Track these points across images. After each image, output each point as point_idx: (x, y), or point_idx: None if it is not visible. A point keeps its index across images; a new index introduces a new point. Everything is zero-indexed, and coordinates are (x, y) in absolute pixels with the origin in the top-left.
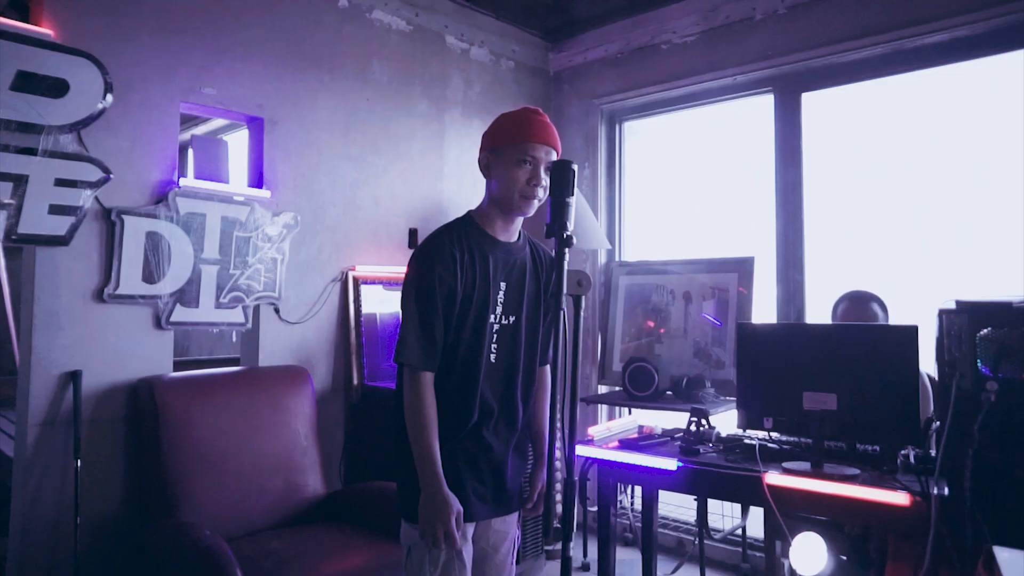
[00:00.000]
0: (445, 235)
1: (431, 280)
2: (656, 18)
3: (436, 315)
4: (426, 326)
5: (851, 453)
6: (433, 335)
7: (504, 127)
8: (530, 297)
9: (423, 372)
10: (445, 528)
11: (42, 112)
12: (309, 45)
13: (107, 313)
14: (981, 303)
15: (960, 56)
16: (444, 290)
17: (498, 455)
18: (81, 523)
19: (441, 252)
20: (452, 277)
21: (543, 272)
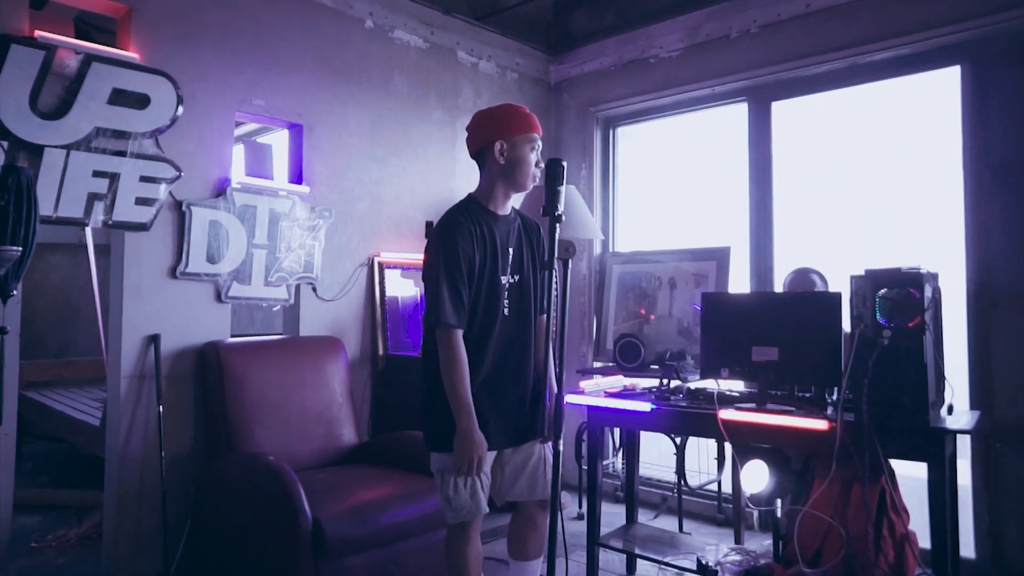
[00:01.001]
0: (459, 214)
1: (455, 251)
2: (645, 34)
3: (462, 281)
4: (454, 290)
5: (790, 397)
6: (462, 298)
7: (516, 121)
8: (528, 258)
9: (456, 330)
10: (474, 461)
11: (130, 121)
12: (340, 61)
13: (179, 288)
14: (879, 270)
15: (904, 71)
16: (465, 259)
17: (516, 394)
18: (164, 456)
19: (460, 227)
20: (470, 247)
21: (534, 237)
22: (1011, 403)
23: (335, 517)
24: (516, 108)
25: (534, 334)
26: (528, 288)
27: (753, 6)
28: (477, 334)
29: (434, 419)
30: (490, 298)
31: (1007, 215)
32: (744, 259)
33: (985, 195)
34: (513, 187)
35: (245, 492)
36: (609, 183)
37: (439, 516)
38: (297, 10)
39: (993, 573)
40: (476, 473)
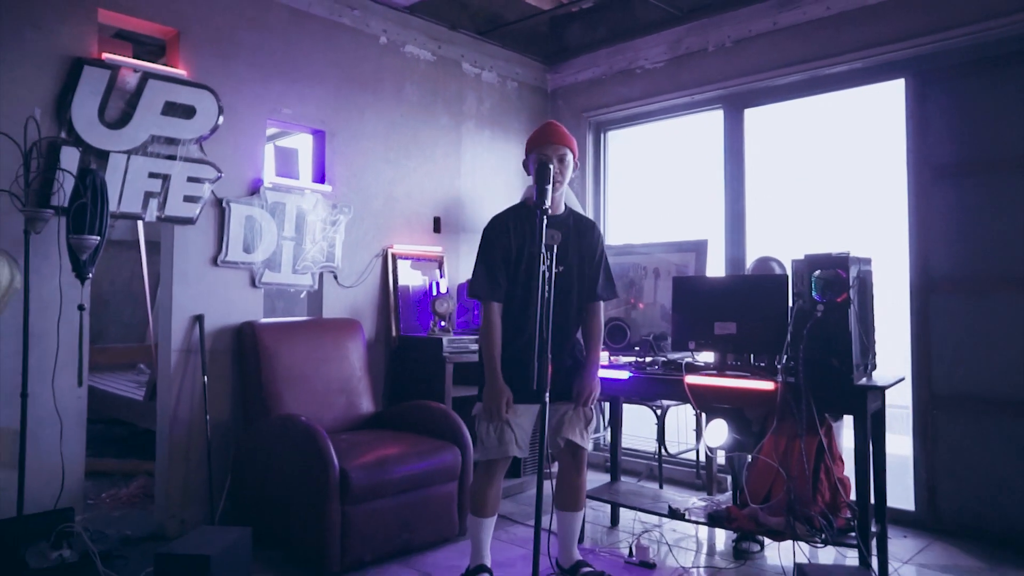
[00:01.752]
0: (503, 213)
1: (492, 242)
2: (632, 47)
3: (496, 265)
4: (489, 272)
5: (747, 365)
6: (496, 277)
7: (532, 139)
8: (575, 252)
9: (492, 303)
10: (498, 407)
11: (179, 130)
12: (358, 73)
13: (219, 274)
14: (815, 255)
15: (857, 83)
16: (500, 249)
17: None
18: (209, 420)
19: (497, 225)
20: (507, 239)
21: (585, 235)
22: (946, 376)
23: (358, 468)
24: (538, 128)
25: (577, 317)
26: (572, 277)
27: (728, 23)
28: (519, 307)
29: (479, 376)
30: (526, 283)
31: (945, 210)
32: (721, 249)
33: (925, 193)
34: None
35: (281, 449)
36: (600, 182)
37: (444, 471)
38: (320, 29)
39: (929, 522)
40: (500, 417)
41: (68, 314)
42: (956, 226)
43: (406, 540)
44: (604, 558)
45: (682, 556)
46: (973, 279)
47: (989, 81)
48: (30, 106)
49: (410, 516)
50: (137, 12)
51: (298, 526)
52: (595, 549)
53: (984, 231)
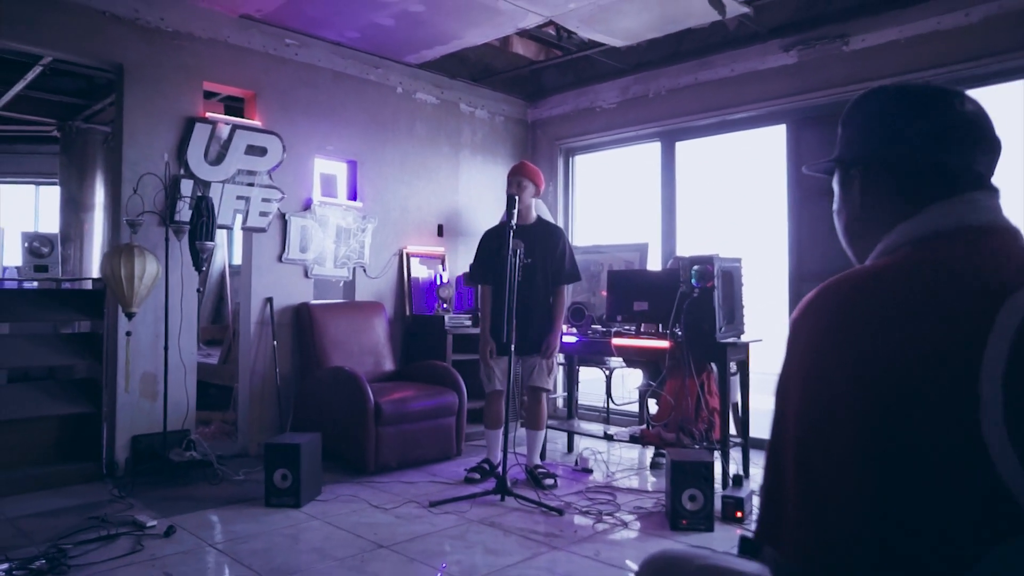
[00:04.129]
0: (491, 228)
1: (483, 247)
2: (593, 91)
3: (483, 259)
4: (480, 262)
5: (655, 332)
6: (485, 267)
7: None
8: (540, 250)
9: (483, 285)
10: (483, 353)
11: (256, 165)
12: (380, 116)
13: (282, 268)
14: (694, 256)
15: (753, 126)
16: (487, 251)
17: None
18: (278, 372)
19: (486, 235)
20: (491, 245)
21: (550, 238)
22: None
23: (387, 402)
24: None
25: (544, 296)
26: (537, 268)
27: (663, 77)
28: (497, 291)
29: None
30: (501, 272)
31: (812, 222)
32: (659, 248)
33: (799, 208)
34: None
35: (331, 390)
36: (569, 195)
37: (446, 408)
38: (353, 85)
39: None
40: (487, 362)
41: (188, 296)
42: (821, 234)
43: (419, 454)
44: (558, 467)
45: (612, 467)
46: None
47: None
48: (161, 152)
49: (422, 438)
50: (228, 82)
51: (344, 441)
52: (553, 463)
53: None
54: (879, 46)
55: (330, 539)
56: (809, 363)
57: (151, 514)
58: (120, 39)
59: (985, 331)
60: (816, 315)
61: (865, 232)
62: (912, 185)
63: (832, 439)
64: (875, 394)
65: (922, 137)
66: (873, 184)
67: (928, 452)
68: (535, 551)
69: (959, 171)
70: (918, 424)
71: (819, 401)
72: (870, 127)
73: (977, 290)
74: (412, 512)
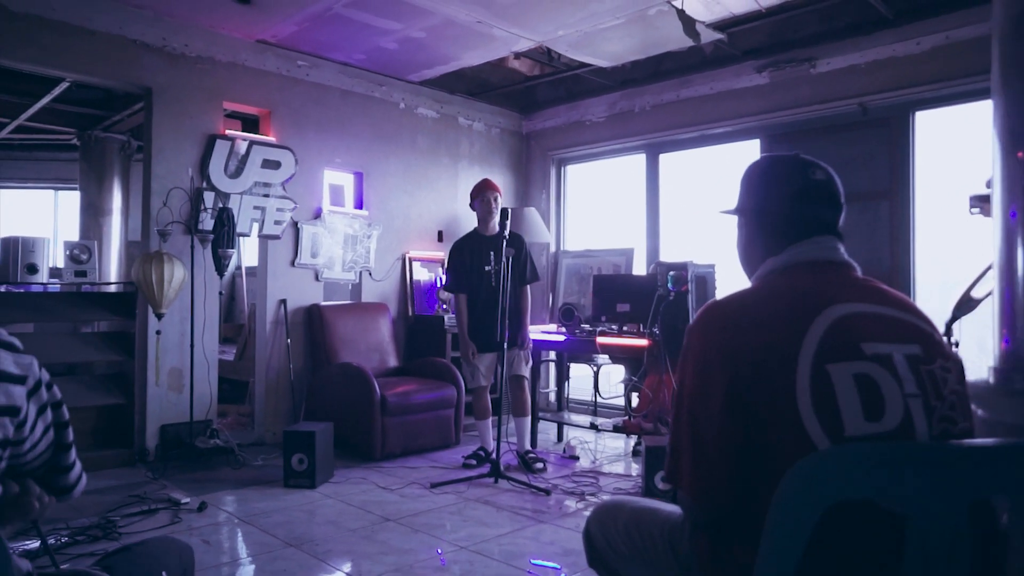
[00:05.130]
0: (461, 238)
1: (453, 254)
2: (583, 105)
3: (457, 268)
4: (455, 273)
5: (636, 331)
6: (460, 277)
7: (476, 190)
8: (507, 256)
9: (459, 294)
10: (464, 353)
11: (271, 177)
12: (384, 130)
13: (295, 272)
14: (670, 262)
15: (730, 140)
16: (460, 259)
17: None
18: (292, 367)
19: (457, 244)
20: (461, 254)
21: (514, 244)
22: None
23: (392, 395)
24: (477, 184)
25: (514, 297)
26: (504, 273)
27: (647, 93)
28: (473, 293)
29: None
30: (476, 279)
31: None
32: (643, 253)
33: None
34: (482, 222)
35: (341, 384)
36: (561, 203)
37: (445, 401)
38: (360, 101)
39: None
40: (468, 360)
41: (211, 298)
42: None
43: (421, 443)
44: (548, 455)
45: (598, 455)
46: None
47: (814, 143)
48: (186, 167)
49: (424, 428)
50: (246, 101)
51: (353, 430)
52: (544, 451)
53: None
54: (842, 69)
55: (343, 514)
56: (697, 355)
57: (183, 493)
58: (149, 65)
59: (805, 330)
60: (702, 323)
61: (750, 261)
62: (778, 231)
63: (708, 405)
64: (734, 374)
65: (785, 197)
66: (754, 229)
67: (764, 409)
68: (524, 524)
69: (811, 221)
70: (759, 392)
71: (701, 379)
72: (752, 188)
73: (808, 303)
74: (415, 492)
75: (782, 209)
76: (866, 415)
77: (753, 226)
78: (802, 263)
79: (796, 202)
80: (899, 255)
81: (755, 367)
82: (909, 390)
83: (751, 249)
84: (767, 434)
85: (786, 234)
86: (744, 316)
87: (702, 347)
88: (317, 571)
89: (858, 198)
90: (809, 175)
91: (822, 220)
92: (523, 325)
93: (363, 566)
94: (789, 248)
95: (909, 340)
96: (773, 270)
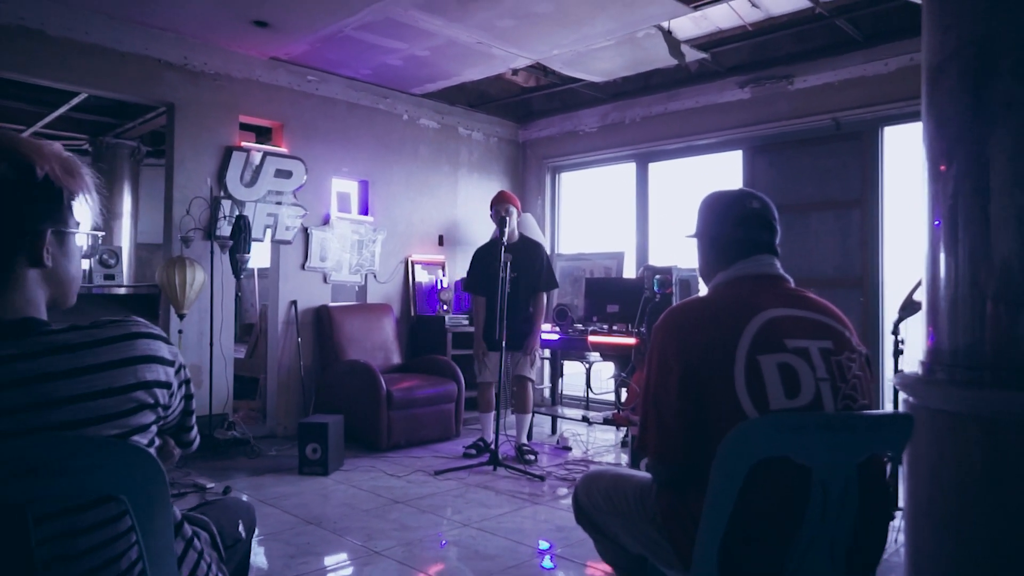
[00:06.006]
0: (483, 245)
1: (475, 262)
2: (576, 116)
3: (476, 273)
4: (473, 277)
5: (625, 330)
6: (477, 280)
7: (494, 202)
8: (525, 264)
9: (476, 296)
10: (476, 352)
11: (283, 185)
12: (388, 140)
13: (304, 275)
14: (656, 267)
15: (715, 151)
16: (479, 263)
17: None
18: (302, 364)
19: (479, 250)
20: (481, 260)
21: (531, 252)
22: None
23: (397, 390)
24: (496, 195)
25: (526, 303)
26: (521, 280)
27: (637, 106)
28: (490, 299)
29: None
30: (493, 285)
31: None
32: (633, 257)
33: None
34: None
35: (349, 380)
36: (556, 208)
37: (446, 395)
38: (365, 114)
39: None
40: (480, 358)
41: (227, 300)
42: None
43: (424, 435)
44: (543, 446)
45: (590, 446)
46: None
47: (792, 155)
48: (205, 177)
49: (427, 421)
50: (260, 115)
51: (361, 423)
52: (539, 443)
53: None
54: (817, 86)
55: (355, 497)
56: (658, 350)
57: (207, 479)
58: (172, 82)
59: (742, 330)
60: (663, 325)
61: (705, 275)
62: (726, 251)
63: (667, 388)
64: (686, 363)
65: (729, 224)
66: (707, 249)
67: (710, 390)
68: (520, 506)
69: (751, 243)
70: (706, 377)
71: (661, 369)
72: (704, 217)
73: (746, 309)
74: (420, 479)
75: (728, 233)
76: (786, 394)
77: (706, 247)
78: (744, 276)
79: (738, 227)
80: (869, 258)
81: (703, 358)
82: (820, 375)
83: (706, 265)
84: (711, 409)
85: (732, 253)
86: (695, 318)
87: (662, 343)
88: (337, 544)
89: (832, 206)
90: (748, 205)
91: (761, 241)
92: (533, 331)
93: (378, 540)
94: (734, 264)
95: (823, 337)
96: (721, 282)
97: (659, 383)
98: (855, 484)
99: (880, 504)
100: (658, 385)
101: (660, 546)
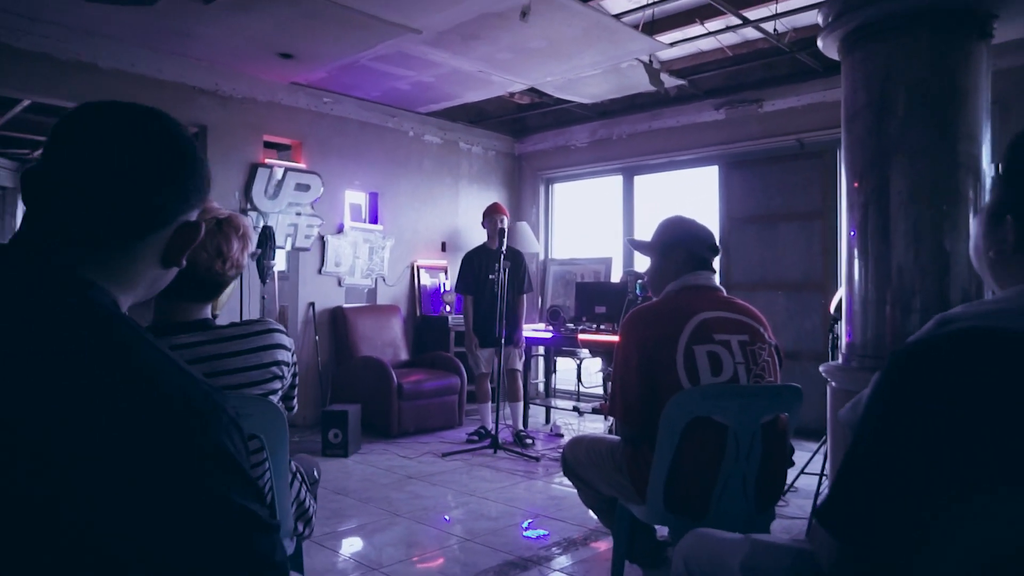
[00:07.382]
0: (472, 249)
1: (464, 262)
2: (568, 132)
3: (466, 276)
4: (464, 279)
5: (612, 329)
6: (468, 281)
7: (487, 212)
8: (508, 267)
9: (466, 296)
10: (471, 346)
11: (302, 198)
12: (395, 155)
13: (321, 279)
14: (638, 271)
15: (694, 166)
16: (469, 266)
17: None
18: (319, 360)
19: (468, 254)
20: (470, 263)
21: (512, 258)
22: None
23: (406, 382)
24: (488, 206)
25: (512, 303)
26: (505, 282)
27: (624, 123)
28: (479, 298)
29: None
30: (483, 286)
31: (738, 243)
32: (620, 263)
33: (729, 232)
34: (490, 238)
35: (362, 373)
36: (549, 217)
37: (450, 388)
38: (375, 131)
39: None
40: (471, 352)
41: (254, 302)
42: (744, 251)
43: (430, 423)
44: (538, 434)
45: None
46: (755, 283)
47: (764, 171)
48: (233, 191)
49: (433, 410)
50: (281, 134)
51: (374, 412)
52: (534, 430)
53: (762, 255)
54: (784, 109)
55: (374, 474)
56: (624, 341)
57: None
58: (204, 106)
59: (683, 327)
60: (629, 321)
61: (659, 285)
62: (676, 265)
63: (629, 369)
64: (642, 352)
65: (681, 245)
66: (661, 262)
67: (659, 370)
68: (518, 481)
69: (696, 259)
70: (656, 362)
71: (625, 356)
72: (662, 236)
73: (687, 311)
74: (430, 460)
75: (678, 252)
76: (712, 373)
77: (661, 260)
78: (688, 287)
79: (690, 248)
80: (829, 264)
81: (655, 348)
82: (738, 360)
83: (656, 274)
84: (660, 385)
85: (680, 268)
86: (651, 318)
87: (627, 336)
88: (363, 510)
89: (796, 217)
90: (697, 231)
91: (703, 259)
92: (518, 327)
93: (397, 506)
94: (681, 277)
95: (742, 332)
96: (671, 291)
97: (624, 365)
98: (759, 438)
99: (779, 453)
100: (623, 367)
101: (625, 487)
